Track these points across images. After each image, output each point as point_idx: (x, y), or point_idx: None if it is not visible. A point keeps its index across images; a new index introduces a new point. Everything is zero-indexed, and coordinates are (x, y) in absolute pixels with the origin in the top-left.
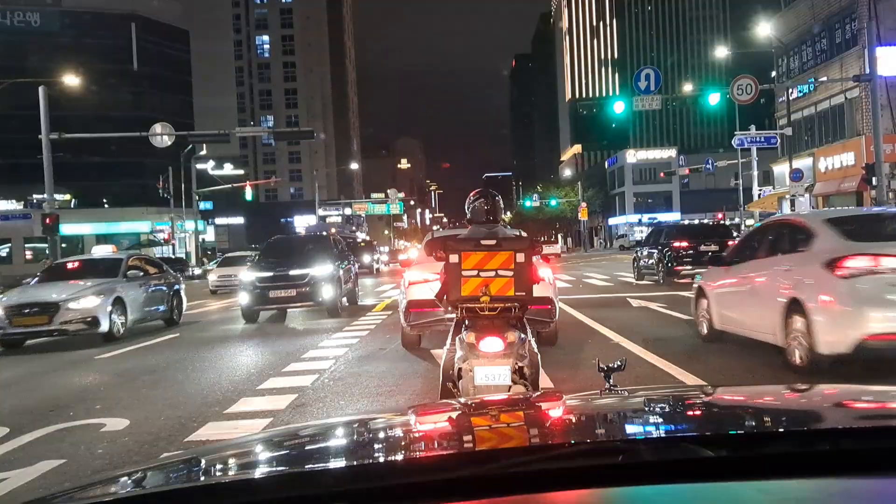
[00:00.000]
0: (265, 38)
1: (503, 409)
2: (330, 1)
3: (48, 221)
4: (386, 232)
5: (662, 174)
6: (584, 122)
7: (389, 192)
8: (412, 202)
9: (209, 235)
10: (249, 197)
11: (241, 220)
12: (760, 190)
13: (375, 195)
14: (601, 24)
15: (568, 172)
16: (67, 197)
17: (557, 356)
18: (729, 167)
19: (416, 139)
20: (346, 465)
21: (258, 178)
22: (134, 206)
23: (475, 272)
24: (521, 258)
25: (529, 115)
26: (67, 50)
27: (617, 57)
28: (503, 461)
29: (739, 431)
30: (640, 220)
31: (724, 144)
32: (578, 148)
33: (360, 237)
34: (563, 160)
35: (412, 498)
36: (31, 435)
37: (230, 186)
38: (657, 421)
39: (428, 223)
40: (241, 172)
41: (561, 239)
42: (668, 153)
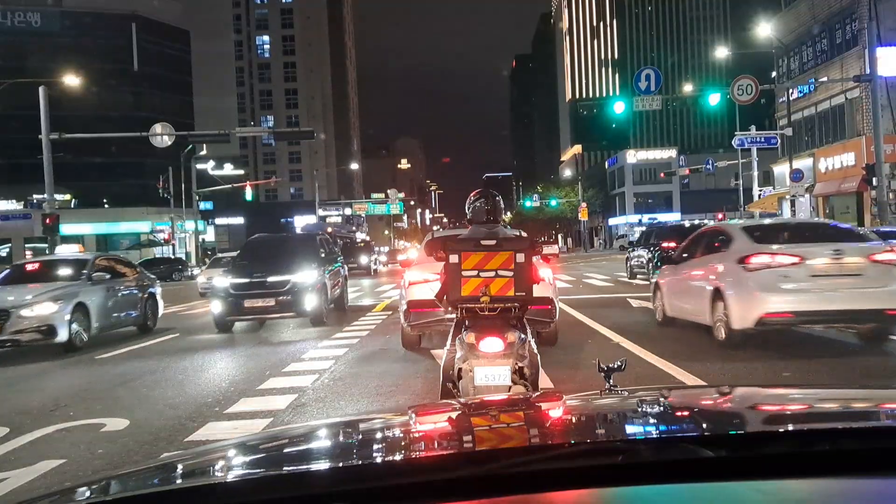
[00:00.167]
0: (265, 38)
1: (503, 409)
2: (330, 1)
3: (48, 221)
4: (386, 232)
5: (663, 174)
6: (584, 122)
7: (389, 192)
8: (412, 202)
9: (209, 235)
10: (249, 197)
11: (241, 220)
12: (761, 190)
13: (375, 195)
14: (601, 24)
15: (568, 172)
16: (67, 197)
17: (557, 356)
18: (729, 167)
19: (416, 139)
20: (345, 465)
21: (258, 178)
22: (134, 206)
23: (475, 272)
24: (521, 258)
25: (530, 115)
26: (68, 50)
27: (617, 57)
28: (503, 461)
29: (739, 431)
30: (640, 220)
31: (724, 145)
32: (578, 148)
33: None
34: (563, 160)
35: (412, 498)
36: (31, 435)
37: (230, 186)
38: (657, 421)
39: (428, 223)
40: (241, 172)
41: (561, 239)
42: (668, 153)
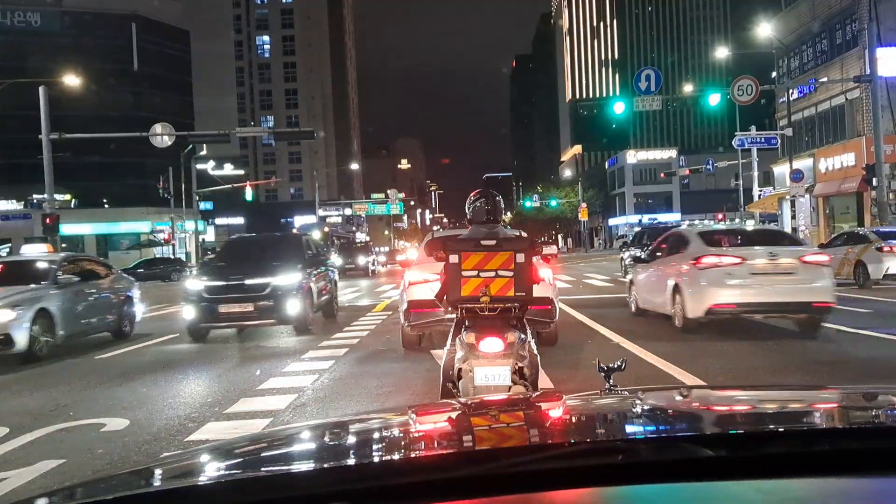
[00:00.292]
0: (265, 38)
1: (503, 409)
2: (330, 1)
3: (48, 221)
4: (386, 232)
5: (663, 175)
6: (584, 122)
7: (389, 192)
8: (412, 202)
9: (209, 236)
10: (250, 197)
11: (241, 220)
12: (761, 190)
13: (375, 195)
14: (601, 24)
15: (568, 173)
16: (68, 197)
17: (557, 356)
18: (729, 168)
19: (416, 139)
20: (345, 464)
21: (258, 178)
22: (134, 206)
23: (475, 272)
24: (521, 258)
25: (530, 115)
26: (68, 50)
27: (617, 57)
28: (503, 460)
29: (739, 431)
30: (640, 220)
31: (724, 145)
32: (579, 148)
33: (360, 238)
34: (563, 160)
35: (412, 497)
36: (31, 435)
37: (230, 186)
38: (657, 421)
39: (428, 223)
40: (241, 173)
41: (561, 239)
42: (668, 154)
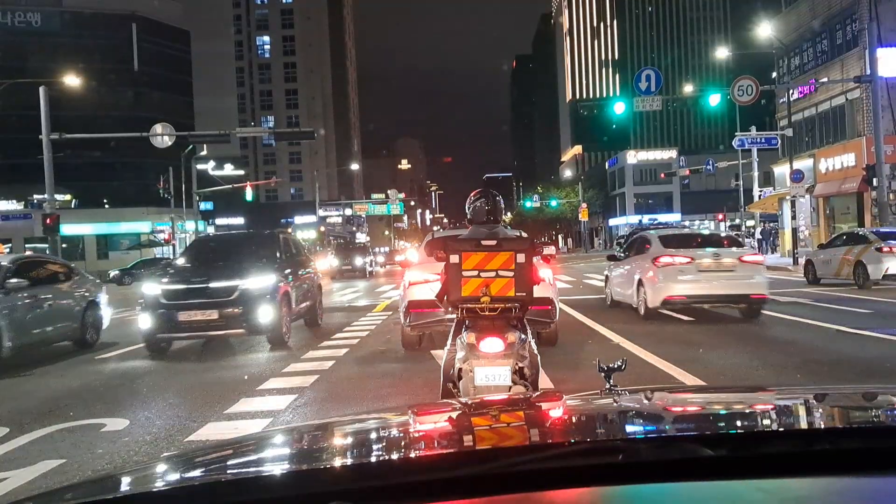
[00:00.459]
0: (266, 38)
1: (503, 408)
2: (331, 1)
3: (48, 222)
4: (386, 232)
5: (663, 175)
6: (584, 122)
7: (390, 192)
8: (412, 203)
9: None
10: (250, 197)
11: (241, 220)
12: (761, 191)
13: (376, 195)
14: (602, 24)
15: (568, 173)
16: (68, 197)
17: (557, 357)
18: (729, 168)
19: (416, 139)
20: (346, 463)
21: (259, 178)
22: (134, 206)
23: (476, 272)
24: (521, 259)
25: (530, 115)
26: (68, 50)
27: (617, 57)
28: (503, 460)
29: (739, 431)
30: (640, 220)
31: (724, 145)
32: (579, 148)
33: (358, 238)
34: (563, 161)
35: (413, 496)
36: (31, 435)
37: (231, 187)
38: (657, 420)
39: (428, 224)
40: (241, 173)
41: (561, 239)
42: (668, 154)
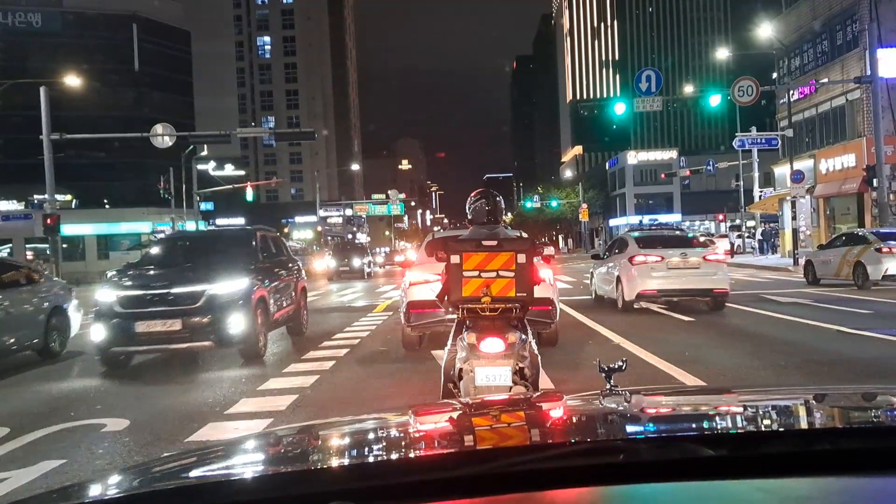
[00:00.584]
0: (266, 38)
1: (504, 408)
2: (331, 2)
3: (49, 222)
4: (387, 233)
5: (663, 175)
6: (585, 122)
7: (390, 192)
8: (413, 203)
9: None
10: (250, 198)
11: (242, 220)
12: (761, 191)
13: (376, 196)
14: (602, 25)
15: (569, 173)
16: (68, 197)
17: (558, 357)
18: (730, 168)
19: (416, 140)
20: (346, 463)
21: (259, 178)
22: (135, 206)
23: (476, 273)
24: (522, 259)
25: (530, 115)
26: (68, 50)
27: (618, 58)
28: (503, 460)
29: (740, 431)
30: (640, 221)
31: (724, 145)
32: (579, 149)
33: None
34: (563, 161)
35: (413, 495)
36: (31, 435)
37: (231, 187)
38: (658, 420)
39: (429, 224)
40: (242, 173)
41: (562, 240)
42: (668, 154)
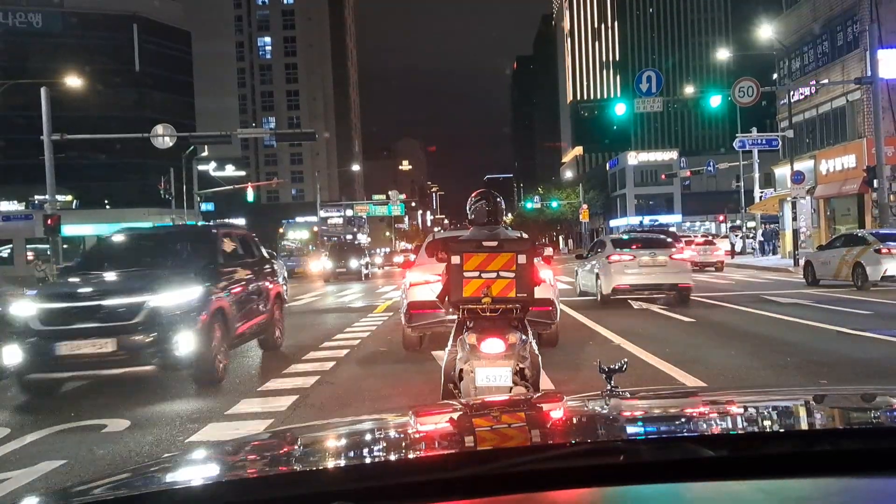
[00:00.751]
0: (267, 39)
1: (504, 409)
2: (332, 2)
3: (50, 222)
4: (387, 233)
5: (664, 176)
6: (585, 123)
7: (391, 193)
8: (413, 203)
9: None
10: (251, 198)
11: (242, 221)
12: (762, 192)
13: (377, 196)
14: (602, 25)
15: (569, 174)
16: (69, 198)
17: (558, 358)
18: (730, 169)
19: (417, 140)
20: (347, 464)
21: (260, 179)
22: (135, 207)
23: (477, 273)
24: (522, 260)
25: (531, 116)
26: (69, 51)
27: (618, 59)
28: (504, 461)
29: (740, 432)
30: (641, 222)
31: (725, 146)
32: (580, 149)
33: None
34: (564, 162)
35: (414, 496)
36: (32, 435)
37: (232, 188)
38: (658, 421)
39: (429, 224)
40: (242, 174)
41: (562, 241)
42: (669, 155)
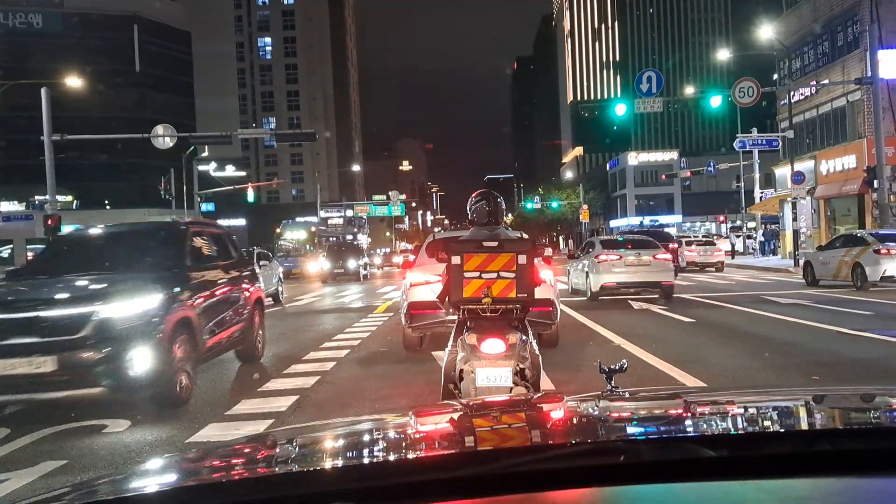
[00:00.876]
0: (267, 39)
1: (504, 409)
2: (332, 2)
3: (50, 223)
4: (388, 233)
5: (664, 176)
6: (585, 123)
7: (391, 193)
8: (413, 204)
9: None
10: (251, 199)
11: (243, 221)
12: (762, 192)
13: (377, 197)
14: (603, 26)
15: (569, 174)
16: (69, 198)
17: (559, 358)
18: (731, 169)
19: (417, 140)
20: (347, 464)
21: (260, 179)
22: (136, 207)
23: (477, 274)
24: (522, 260)
25: (531, 116)
26: (69, 51)
27: (618, 59)
28: (504, 461)
29: (740, 432)
30: (641, 222)
31: (725, 146)
32: (580, 150)
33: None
34: (564, 162)
35: (414, 496)
36: (32, 436)
37: (232, 188)
38: (658, 421)
39: (429, 225)
40: (242, 174)
41: (562, 241)
42: (669, 155)
